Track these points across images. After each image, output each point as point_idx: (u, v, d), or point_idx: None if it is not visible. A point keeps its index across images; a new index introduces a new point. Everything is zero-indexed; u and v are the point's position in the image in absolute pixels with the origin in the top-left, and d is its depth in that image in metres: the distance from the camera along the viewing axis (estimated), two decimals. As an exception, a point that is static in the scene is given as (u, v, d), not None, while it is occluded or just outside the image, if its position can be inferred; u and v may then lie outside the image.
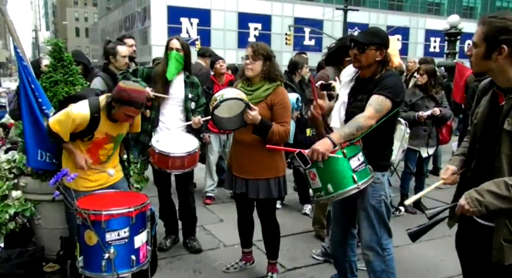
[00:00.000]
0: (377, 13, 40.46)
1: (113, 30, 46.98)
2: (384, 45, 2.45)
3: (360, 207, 2.56)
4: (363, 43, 2.44)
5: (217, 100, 2.71)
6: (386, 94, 2.36)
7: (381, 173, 2.51)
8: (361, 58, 2.46)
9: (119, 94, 2.57)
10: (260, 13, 36.20)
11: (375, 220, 2.52)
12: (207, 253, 3.70)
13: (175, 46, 3.44)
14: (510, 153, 1.71)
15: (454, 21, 11.48)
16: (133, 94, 2.55)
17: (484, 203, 1.69)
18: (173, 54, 3.44)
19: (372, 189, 2.47)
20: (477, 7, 46.25)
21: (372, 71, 2.49)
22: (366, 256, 2.59)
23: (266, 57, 2.88)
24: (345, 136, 2.27)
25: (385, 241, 2.55)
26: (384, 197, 2.52)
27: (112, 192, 2.70)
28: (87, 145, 2.73)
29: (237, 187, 3.04)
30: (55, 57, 3.27)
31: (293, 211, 4.81)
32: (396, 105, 2.42)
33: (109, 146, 2.79)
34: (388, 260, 2.56)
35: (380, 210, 2.52)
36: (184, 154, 3.23)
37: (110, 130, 2.74)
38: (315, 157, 2.20)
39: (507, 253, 1.73)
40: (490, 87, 1.87)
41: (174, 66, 3.47)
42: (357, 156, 2.29)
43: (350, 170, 2.24)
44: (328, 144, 2.22)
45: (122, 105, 2.57)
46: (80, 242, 2.33)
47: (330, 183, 2.24)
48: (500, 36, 1.67)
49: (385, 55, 2.46)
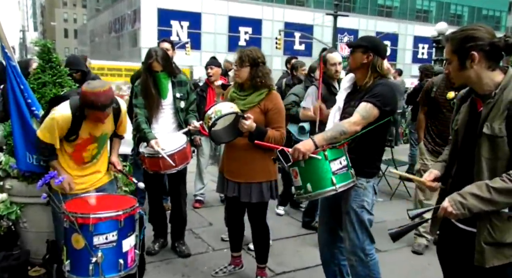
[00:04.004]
0: (367, 19, 40.88)
1: (102, 32, 46.67)
2: (370, 49, 2.50)
3: (343, 211, 2.60)
4: (349, 45, 2.61)
5: (212, 119, 2.71)
6: (374, 102, 2.41)
7: (366, 179, 2.54)
8: (350, 60, 2.61)
9: (85, 98, 2.51)
10: (250, 17, 36.29)
11: (357, 225, 2.55)
12: (196, 257, 3.68)
13: (159, 69, 3.42)
14: (490, 156, 1.75)
15: (442, 28, 11.72)
16: (99, 95, 2.48)
17: (467, 205, 1.72)
18: (160, 76, 3.44)
19: (354, 193, 2.51)
20: (464, 15, 47.05)
21: (363, 76, 2.54)
22: (350, 261, 2.63)
23: (253, 64, 2.89)
24: (327, 139, 2.33)
25: (368, 246, 2.58)
26: (366, 203, 2.55)
27: (101, 195, 2.67)
28: (72, 147, 2.71)
29: (229, 190, 3.03)
30: (43, 58, 3.24)
31: (283, 215, 4.81)
32: (385, 114, 2.45)
33: (92, 146, 2.77)
34: (372, 265, 2.59)
35: (361, 215, 2.54)
36: (173, 151, 3.23)
37: (94, 130, 2.71)
38: (296, 155, 2.28)
39: (488, 256, 1.76)
40: (468, 95, 1.93)
41: (165, 86, 3.50)
42: (339, 159, 2.35)
43: (330, 172, 2.30)
44: (310, 145, 2.29)
45: (90, 108, 2.53)
46: (67, 246, 2.30)
47: (309, 182, 2.31)
48: (466, 44, 1.76)
49: (372, 60, 2.49)
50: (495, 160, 1.74)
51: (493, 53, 1.75)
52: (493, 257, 1.76)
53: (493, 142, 1.73)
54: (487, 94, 1.79)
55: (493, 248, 1.75)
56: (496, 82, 1.77)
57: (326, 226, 2.81)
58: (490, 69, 1.77)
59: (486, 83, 1.79)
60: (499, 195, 1.68)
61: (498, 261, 1.76)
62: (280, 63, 16.24)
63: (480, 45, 1.74)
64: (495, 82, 1.78)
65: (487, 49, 1.74)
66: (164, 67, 3.43)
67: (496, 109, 1.74)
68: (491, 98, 1.77)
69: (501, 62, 1.84)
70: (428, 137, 3.98)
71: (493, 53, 1.75)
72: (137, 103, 3.52)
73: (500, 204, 1.70)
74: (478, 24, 1.81)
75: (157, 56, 3.40)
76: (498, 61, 1.80)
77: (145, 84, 3.47)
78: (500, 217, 1.75)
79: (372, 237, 2.61)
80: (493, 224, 1.75)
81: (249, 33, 36.52)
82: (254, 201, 2.96)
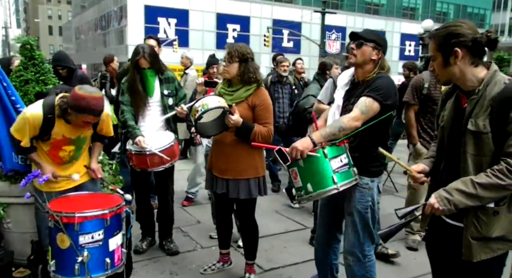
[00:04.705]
0: (354, 17, 41.02)
1: (88, 29, 46.02)
2: (381, 47, 2.42)
3: (346, 212, 2.53)
4: (361, 36, 2.42)
5: (198, 112, 2.69)
6: (374, 96, 2.31)
7: (370, 178, 2.46)
8: (357, 54, 2.41)
9: (76, 102, 2.44)
10: (238, 14, 36.13)
11: (360, 226, 2.49)
12: (184, 255, 3.66)
13: (146, 66, 3.39)
14: (475, 152, 1.76)
15: (428, 25, 11.85)
16: (92, 102, 2.43)
17: (453, 201, 1.74)
18: (147, 73, 3.41)
19: (359, 194, 2.44)
20: (450, 12, 47.53)
21: (367, 72, 2.43)
22: (347, 260, 2.57)
23: (242, 59, 2.87)
24: (326, 135, 2.26)
25: (368, 247, 2.53)
26: (371, 203, 2.48)
27: (87, 194, 2.63)
28: (47, 146, 2.66)
29: (218, 187, 3.02)
30: (25, 55, 3.18)
31: (270, 212, 4.82)
32: (386, 109, 2.36)
33: (69, 148, 2.71)
34: (369, 266, 2.55)
35: (366, 216, 2.48)
36: (160, 149, 3.22)
37: (68, 133, 2.65)
38: (294, 154, 2.20)
39: (476, 251, 1.78)
40: (453, 91, 1.94)
41: (152, 83, 3.46)
42: (340, 157, 2.27)
43: (330, 170, 2.22)
44: (308, 142, 2.21)
45: (79, 113, 2.46)
46: (52, 246, 2.26)
47: (310, 182, 2.23)
48: (449, 41, 1.76)
49: (380, 58, 2.42)
50: (480, 156, 1.75)
51: (476, 49, 1.77)
52: (480, 251, 1.78)
53: (478, 138, 1.75)
54: (471, 90, 1.80)
55: (480, 243, 1.78)
56: (479, 79, 1.79)
57: (326, 228, 2.75)
58: (473, 65, 1.79)
59: (470, 79, 1.80)
60: (484, 190, 1.70)
61: (485, 255, 1.78)
62: (269, 60, 16.19)
63: (463, 42, 1.75)
64: (478, 78, 1.79)
65: (469, 45, 1.75)
66: (151, 64, 3.40)
67: (480, 106, 1.76)
68: (475, 95, 1.78)
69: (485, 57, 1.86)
70: (425, 136, 3.81)
71: (476, 49, 1.77)
72: (124, 100, 3.48)
73: (486, 199, 1.72)
74: (461, 20, 1.82)
75: (145, 53, 3.37)
76: (481, 57, 1.81)
77: (132, 81, 3.43)
78: (486, 212, 1.77)
79: (373, 238, 2.55)
80: (479, 219, 1.78)
81: (237, 30, 36.38)
82: (242, 197, 2.95)
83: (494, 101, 1.72)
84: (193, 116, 2.77)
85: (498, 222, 1.77)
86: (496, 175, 1.68)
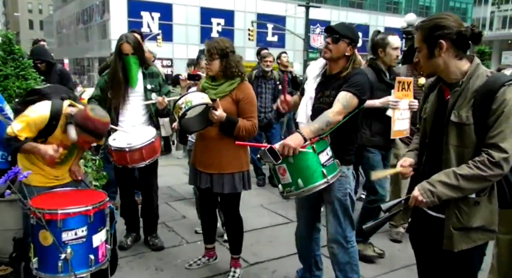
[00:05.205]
0: (338, 11, 41.21)
1: (70, 23, 45.18)
2: (355, 42, 2.50)
3: (327, 201, 2.61)
4: (338, 32, 2.47)
5: (182, 109, 2.68)
6: (354, 91, 2.40)
7: (346, 166, 2.57)
8: (333, 49, 2.48)
9: (84, 121, 2.45)
10: (222, 8, 35.91)
11: (340, 212, 2.58)
12: (169, 250, 3.66)
13: (129, 52, 3.34)
14: (457, 143, 1.80)
15: (411, 19, 11.98)
16: (99, 126, 2.45)
17: (436, 193, 1.77)
18: (130, 60, 3.35)
19: (338, 183, 2.51)
20: (432, 6, 48.07)
21: (340, 66, 2.52)
22: (331, 249, 2.65)
23: (222, 55, 2.86)
24: (315, 131, 2.30)
25: (349, 233, 2.62)
26: (349, 190, 2.59)
27: (70, 190, 2.61)
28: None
29: (201, 182, 3.02)
30: (4, 50, 3.12)
31: (256, 206, 4.84)
32: (361, 103, 2.47)
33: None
34: (352, 252, 2.63)
35: (345, 203, 2.58)
36: (140, 146, 3.17)
37: (65, 140, 2.63)
38: (286, 151, 2.21)
39: (457, 241, 1.83)
40: (436, 83, 1.98)
41: (135, 72, 3.39)
42: (326, 150, 2.33)
43: (319, 164, 2.27)
44: (300, 139, 2.23)
45: (84, 132, 2.47)
46: (34, 243, 2.24)
47: (300, 177, 2.26)
48: (435, 33, 1.79)
49: (353, 54, 2.50)
50: (462, 148, 1.79)
51: (460, 42, 1.80)
52: (461, 241, 1.82)
53: (460, 129, 1.78)
54: (454, 83, 1.83)
55: (461, 233, 1.82)
56: (463, 71, 1.82)
57: (305, 220, 2.83)
58: (457, 58, 1.82)
59: (453, 71, 1.83)
60: (466, 182, 1.73)
61: (466, 245, 1.83)
62: (253, 54, 16.17)
63: (448, 34, 1.78)
64: (462, 71, 1.82)
65: (454, 38, 1.78)
66: (135, 50, 3.35)
67: (463, 98, 1.79)
68: (458, 87, 1.81)
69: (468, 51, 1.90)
70: None
71: (460, 42, 1.80)
72: (94, 95, 3.47)
73: (467, 190, 1.76)
74: (446, 13, 1.85)
75: (128, 38, 3.34)
76: (465, 51, 1.84)
77: (113, 70, 3.36)
78: (467, 202, 1.81)
79: (353, 224, 2.64)
80: (460, 209, 1.81)
81: (221, 25, 36.17)
82: (226, 192, 2.95)
83: (477, 94, 1.75)
84: (176, 113, 2.75)
85: (478, 212, 1.81)
86: (478, 166, 1.72)
